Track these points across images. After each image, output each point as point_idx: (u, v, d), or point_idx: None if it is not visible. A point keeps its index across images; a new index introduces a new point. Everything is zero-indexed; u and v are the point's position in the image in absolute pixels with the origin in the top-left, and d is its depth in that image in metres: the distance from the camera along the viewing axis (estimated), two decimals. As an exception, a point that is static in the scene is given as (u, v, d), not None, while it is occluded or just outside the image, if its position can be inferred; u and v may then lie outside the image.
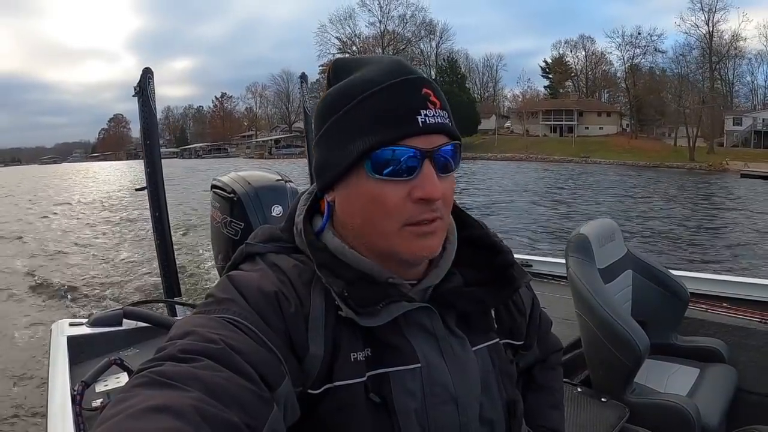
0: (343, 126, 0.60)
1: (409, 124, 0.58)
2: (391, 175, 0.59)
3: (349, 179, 0.61)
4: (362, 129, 0.59)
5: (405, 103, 0.59)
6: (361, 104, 0.59)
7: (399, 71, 0.61)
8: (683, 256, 10.00)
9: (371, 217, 0.61)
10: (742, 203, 19.28)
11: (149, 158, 2.28)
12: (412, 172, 0.59)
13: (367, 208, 0.61)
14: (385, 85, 0.59)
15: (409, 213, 0.60)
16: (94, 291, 6.88)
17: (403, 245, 0.61)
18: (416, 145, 0.58)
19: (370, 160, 0.58)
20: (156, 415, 0.41)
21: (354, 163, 0.59)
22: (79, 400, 1.20)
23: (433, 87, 0.61)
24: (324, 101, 0.63)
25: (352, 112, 0.60)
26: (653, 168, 41.01)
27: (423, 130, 0.58)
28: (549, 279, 2.88)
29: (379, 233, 0.61)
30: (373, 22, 74.73)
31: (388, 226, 0.60)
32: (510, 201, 19.28)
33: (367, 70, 0.62)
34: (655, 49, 60.08)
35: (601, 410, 1.74)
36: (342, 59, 0.66)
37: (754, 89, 56.42)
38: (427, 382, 0.64)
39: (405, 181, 0.59)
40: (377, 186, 0.59)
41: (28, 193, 28.14)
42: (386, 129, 0.58)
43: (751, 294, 2.27)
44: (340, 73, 0.64)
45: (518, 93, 76.00)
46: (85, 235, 12.46)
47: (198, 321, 0.56)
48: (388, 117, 0.58)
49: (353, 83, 0.61)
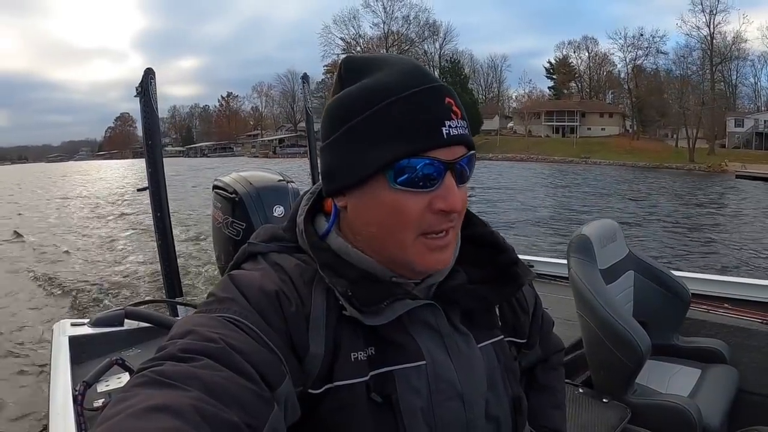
0: (362, 132, 0.59)
1: (434, 136, 0.57)
2: (414, 186, 0.58)
3: (367, 187, 0.60)
4: (386, 138, 0.57)
5: (430, 113, 0.57)
6: (383, 111, 0.58)
7: (420, 78, 0.59)
8: (661, 249, 10.58)
9: (389, 227, 0.60)
10: (729, 203, 19.92)
11: (151, 158, 2.29)
12: (434, 184, 0.58)
13: (385, 218, 0.60)
14: (408, 93, 0.58)
15: (427, 223, 0.59)
16: (96, 291, 6.88)
17: (418, 256, 0.61)
18: (439, 156, 0.58)
19: (393, 170, 0.57)
20: (156, 415, 0.41)
21: (376, 171, 0.59)
22: (81, 400, 1.20)
23: (454, 95, 0.60)
24: (338, 103, 0.61)
25: (373, 118, 0.58)
26: (653, 169, 41.41)
27: (447, 142, 0.58)
28: (550, 279, 2.88)
29: (396, 243, 0.61)
30: (377, 23, 75.07)
31: (406, 236, 0.60)
32: (503, 200, 19.60)
33: (385, 73, 0.60)
34: (657, 50, 60.30)
35: (603, 411, 1.74)
36: (353, 57, 0.64)
37: (757, 91, 56.60)
38: (432, 379, 0.64)
39: (426, 192, 0.58)
40: (398, 196, 0.58)
41: (30, 192, 28.20)
42: (412, 140, 0.57)
43: (752, 295, 2.27)
44: (353, 74, 0.61)
45: (524, 93, 76.51)
46: (86, 234, 12.47)
47: (198, 320, 0.56)
48: (413, 127, 0.57)
49: (372, 87, 0.59)
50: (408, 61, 0.63)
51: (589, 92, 67.62)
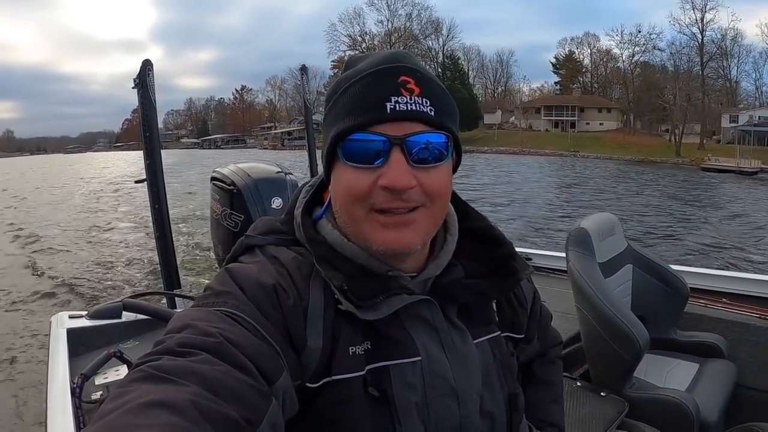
0: (329, 115, 0.62)
1: (376, 110, 0.57)
2: (360, 162, 0.58)
3: (333, 166, 0.62)
4: (340, 117, 0.60)
5: (376, 90, 0.58)
6: (343, 94, 0.60)
7: (385, 61, 0.60)
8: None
9: (344, 204, 0.61)
10: (678, 189, 23.50)
11: (149, 149, 2.27)
12: (379, 160, 0.58)
13: (342, 195, 0.61)
14: (364, 74, 0.59)
15: (376, 200, 0.59)
16: (94, 283, 6.89)
17: (372, 233, 0.60)
18: (386, 132, 0.57)
19: (341, 147, 0.59)
20: (154, 410, 0.40)
21: (330, 151, 0.60)
22: (79, 393, 1.20)
23: (417, 75, 0.59)
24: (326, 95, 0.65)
25: (336, 101, 0.61)
26: (637, 163, 43.01)
27: (391, 117, 0.57)
28: (549, 273, 2.88)
29: (352, 219, 0.61)
30: (381, 20, 76.88)
31: (357, 211, 0.60)
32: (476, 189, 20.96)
33: (364, 63, 0.62)
34: (653, 47, 61.37)
35: (601, 404, 1.75)
36: (354, 55, 0.66)
37: (759, 87, 57.13)
38: (427, 374, 0.63)
39: (374, 168, 0.58)
40: (349, 173, 0.59)
41: (32, 185, 28.16)
42: (355, 116, 0.58)
43: (750, 290, 2.27)
44: (346, 69, 0.64)
45: (536, 87, 78.21)
46: (85, 226, 12.45)
47: (196, 314, 0.55)
48: (360, 105, 0.58)
49: (345, 75, 0.62)
50: (391, 51, 0.63)
51: (597, 87, 68.41)
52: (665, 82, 54.66)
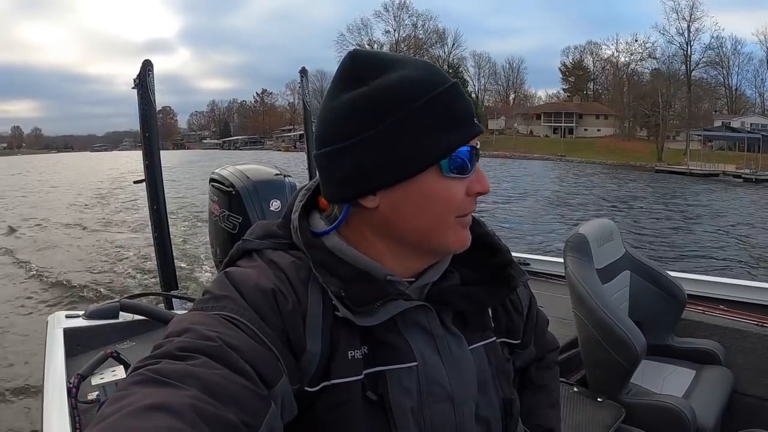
0: (413, 125, 0.58)
1: (472, 126, 0.62)
2: (462, 173, 0.62)
3: (417, 179, 0.60)
4: (438, 128, 0.59)
5: (464, 103, 0.62)
6: (433, 102, 0.59)
7: (443, 74, 0.63)
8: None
9: (437, 215, 0.62)
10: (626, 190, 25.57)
11: (148, 150, 2.27)
12: (471, 169, 0.62)
13: (434, 207, 0.61)
14: (446, 87, 0.60)
15: (465, 206, 0.63)
16: (91, 283, 6.87)
17: (453, 237, 0.64)
18: (473, 144, 0.62)
19: (448, 159, 0.60)
20: (153, 414, 0.41)
21: (429, 162, 0.60)
22: (75, 393, 1.19)
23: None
24: (366, 99, 0.59)
25: (425, 110, 0.58)
26: (619, 167, 45.31)
27: (477, 131, 0.63)
28: (546, 278, 2.88)
29: (438, 226, 0.63)
30: (388, 30, 79.87)
31: (449, 220, 0.63)
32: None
33: (411, 69, 0.60)
34: (649, 55, 63.19)
35: (597, 410, 1.75)
36: (361, 52, 0.63)
37: (762, 93, 58.40)
38: (423, 380, 0.64)
39: (465, 177, 0.62)
40: (449, 183, 0.61)
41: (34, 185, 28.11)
42: (461, 130, 0.61)
43: (748, 297, 2.28)
44: (375, 70, 0.60)
45: (552, 93, 79.49)
46: (81, 226, 12.43)
47: (195, 318, 0.55)
48: (457, 118, 0.61)
49: (406, 83, 0.59)
50: (418, 59, 0.64)
51: (602, 94, 69.82)
52: (653, 92, 56.10)
